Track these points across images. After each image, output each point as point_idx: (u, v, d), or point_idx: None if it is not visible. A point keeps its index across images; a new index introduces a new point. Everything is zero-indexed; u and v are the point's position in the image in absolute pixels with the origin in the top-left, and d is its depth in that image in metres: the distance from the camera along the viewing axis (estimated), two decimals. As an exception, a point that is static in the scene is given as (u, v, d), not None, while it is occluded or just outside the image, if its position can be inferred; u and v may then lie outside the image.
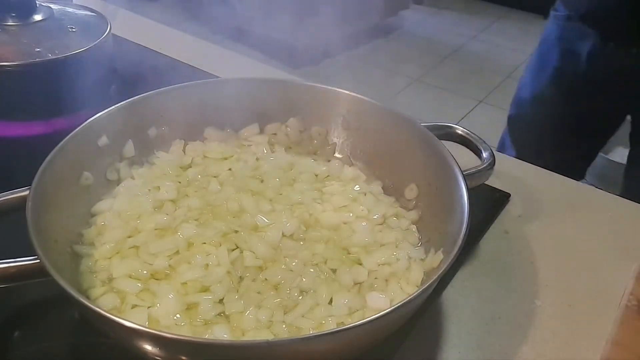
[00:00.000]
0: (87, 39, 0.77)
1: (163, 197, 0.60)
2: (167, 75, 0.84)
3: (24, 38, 0.75)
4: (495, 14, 3.77)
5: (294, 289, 0.51)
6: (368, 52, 3.17)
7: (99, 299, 0.49)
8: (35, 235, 0.45)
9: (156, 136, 0.67)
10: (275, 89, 0.70)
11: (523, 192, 0.74)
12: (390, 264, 0.55)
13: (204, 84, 0.70)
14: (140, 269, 0.52)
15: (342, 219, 0.60)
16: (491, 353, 0.53)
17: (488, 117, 2.68)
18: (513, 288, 0.60)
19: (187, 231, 0.55)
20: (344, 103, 0.68)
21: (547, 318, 0.57)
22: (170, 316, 0.48)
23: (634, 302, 0.58)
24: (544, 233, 0.68)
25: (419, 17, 3.64)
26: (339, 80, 0.71)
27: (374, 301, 0.51)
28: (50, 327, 0.53)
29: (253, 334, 0.47)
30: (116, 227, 0.56)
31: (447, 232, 0.53)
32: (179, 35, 1.10)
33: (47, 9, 0.79)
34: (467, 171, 0.57)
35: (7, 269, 0.45)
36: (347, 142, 0.70)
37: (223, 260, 0.53)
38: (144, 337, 0.41)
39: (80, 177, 0.58)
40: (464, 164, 0.57)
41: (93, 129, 0.60)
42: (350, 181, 0.65)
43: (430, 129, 0.62)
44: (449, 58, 3.21)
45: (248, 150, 0.69)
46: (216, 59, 1.02)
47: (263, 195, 0.62)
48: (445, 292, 0.59)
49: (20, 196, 0.49)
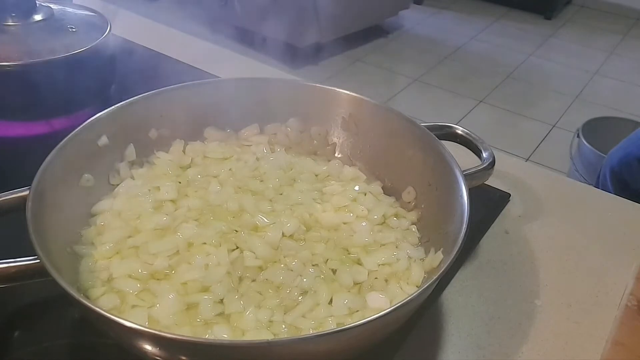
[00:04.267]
0: (87, 39, 0.77)
1: (163, 197, 0.60)
2: (167, 75, 0.84)
3: (24, 38, 0.75)
4: (495, 14, 3.77)
5: (294, 289, 0.51)
6: (368, 52, 3.17)
7: (99, 299, 0.49)
8: (35, 235, 0.45)
9: (156, 136, 0.66)
10: (275, 89, 0.70)
11: (523, 192, 0.74)
12: (390, 264, 0.55)
13: (204, 84, 0.70)
14: (140, 269, 0.52)
15: (342, 219, 0.60)
16: (491, 353, 0.53)
17: (488, 117, 2.69)
18: (513, 288, 0.60)
19: (187, 231, 0.55)
20: (344, 103, 0.68)
21: (547, 318, 0.57)
22: (170, 316, 0.48)
23: (634, 302, 0.58)
24: (544, 233, 0.68)
25: (419, 17, 3.64)
26: (339, 80, 0.72)
27: (374, 301, 0.51)
28: (50, 327, 0.53)
29: (253, 334, 0.47)
30: (116, 227, 0.56)
31: (447, 232, 0.53)
32: (179, 35, 1.10)
33: (47, 9, 0.79)
34: (467, 171, 0.57)
35: (7, 269, 0.45)
36: (347, 142, 0.70)
37: (223, 260, 0.53)
38: (144, 337, 0.41)
39: (81, 179, 0.58)
40: (464, 164, 0.57)
41: (93, 129, 0.60)
42: (350, 181, 0.65)
43: (430, 129, 0.62)
44: (449, 58, 3.21)
45: (248, 150, 0.69)
46: (216, 59, 1.02)
47: (263, 195, 0.62)
48: (445, 292, 0.59)
49: (20, 196, 0.49)
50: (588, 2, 3.99)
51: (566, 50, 3.37)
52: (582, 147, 1.99)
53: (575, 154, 2.06)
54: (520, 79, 3.03)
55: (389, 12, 3.38)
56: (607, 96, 2.87)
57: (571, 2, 4.01)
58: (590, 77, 3.08)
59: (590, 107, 2.75)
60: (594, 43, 3.47)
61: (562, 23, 3.73)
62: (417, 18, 3.61)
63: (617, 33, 3.60)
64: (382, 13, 3.34)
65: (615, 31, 3.63)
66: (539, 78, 3.05)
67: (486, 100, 2.82)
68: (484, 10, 3.81)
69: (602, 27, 3.69)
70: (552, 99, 2.85)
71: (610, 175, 1.29)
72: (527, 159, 2.39)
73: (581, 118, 2.17)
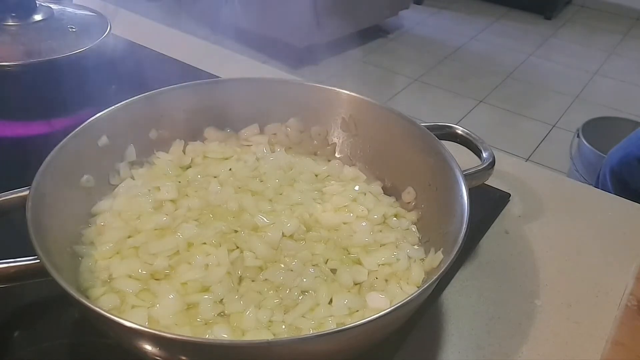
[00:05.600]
0: (87, 39, 0.77)
1: (163, 197, 0.60)
2: (167, 75, 0.84)
3: (24, 38, 0.75)
4: (495, 14, 3.78)
5: (294, 289, 0.51)
6: (368, 52, 3.17)
7: (99, 299, 0.49)
8: (35, 235, 0.45)
9: (156, 136, 0.66)
10: (275, 89, 0.70)
11: (523, 192, 0.74)
12: (390, 264, 0.55)
13: (204, 84, 0.70)
14: (140, 269, 0.52)
15: (342, 219, 0.60)
16: (491, 353, 0.53)
17: (488, 117, 2.69)
18: (513, 288, 0.60)
19: (187, 231, 0.55)
20: (344, 103, 0.68)
21: (547, 318, 0.57)
22: (170, 316, 0.48)
23: (634, 302, 0.58)
24: (544, 233, 0.68)
25: (419, 17, 3.64)
26: (339, 80, 0.72)
27: (374, 301, 0.51)
28: (50, 327, 0.53)
29: (253, 334, 0.47)
30: (116, 228, 0.56)
31: (447, 232, 0.53)
32: (179, 35, 1.10)
33: (47, 9, 0.79)
34: (467, 171, 0.57)
35: (7, 269, 0.45)
36: (347, 142, 0.70)
37: (223, 260, 0.53)
38: (144, 337, 0.41)
39: (81, 179, 0.58)
40: (464, 164, 0.57)
41: (93, 129, 0.60)
42: (350, 181, 0.65)
43: (430, 129, 0.62)
44: (449, 58, 3.21)
45: (248, 150, 0.69)
46: (216, 59, 1.02)
47: (263, 195, 0.62)
48: (445, 292, 0.59)
49: (20, 196, 0.49)
50: (588, 2, 3.99)
51: (566, 50, 3.37)
52: (582, 147, 1.99)
53: (575, 154, 2.06)
54: (520, 79, 3.03)
55: (389, 12, 3.38)
56: (607, 96, 2.87)
57: (571, 2, 4.01)
58: (590, 77, 3.08)
59: (590, 107, 2.75)
60: (594, 43, 3.47)
61: (562, 23, 3.73)
62: (417, 18, 3.61)
63: (617, 33, 3.60)
64: (382, 13, 3.34)
65: (615, 31, 3.63)
66: (539, 78, 3.05)
67: (486, 100, 2.82)
68: (484, 10, 3.81)
69: (602, 27, 3.69)
70: (552, 99, 2.85)
71: (610, 175, 1.29)
72: (527, 159, 2.39)
73: (581, 118, 2.17)
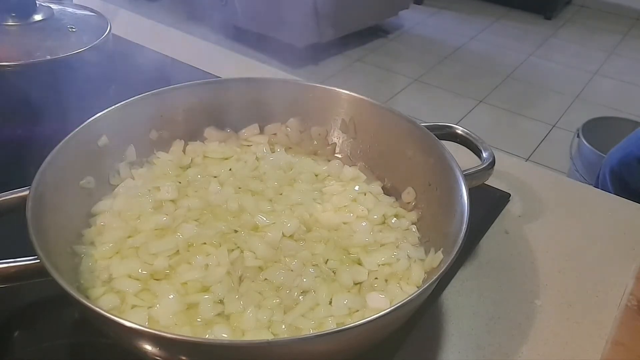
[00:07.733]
0: (87, 39, 0.77)
1: (163, 198, 0.60)
2: (167, 75, 0.84)
3: (24, 38, 0.75)
4: (495, 14, 3.77)
5: (294, 289, 0.51)
6: (368, 52, 3.17)
7: (99, 299, 0.49)
8: (35, 235, 0.45)
9: (156, 136, 0.67)
10: (275, 89, 0.70)
11: (523, 192, 0.74)
12: (390, 264, 0.55)
13: (204, 84, 0.70)
14: (140, 269, 0.52)
15: (342, 219, 0.60)
16: (491, 353, 0.53)
17: (488, 117, 2.69)
18: (513, 288, 0.60)
19: (187, 231, 0.55)
20: (344, 103, 0.68)
21: (547, 318, 0.57)
22: (170, 316, 0.48)
23: (634, 302, 0.58)
24: (544, 233, 0.68)
25: (419, 17, 3.64)
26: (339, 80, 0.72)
27: (374, 301, 0.51)
28: (50, 327, 0.53)
29: (253, 334, 0.47)
30: (116, 227, 0.56)
31: (447, 232, 0.53)
32: (179, 35, 1.10)
33: (47, 9, 0.79)
34: (467, 171, 0.57)
35: (7, 269, 0.45)
36: (347, 142, 0.70)
37: (223, 260, 0.53)
38: (144, 337, 0.41)
39: (81, 179, 0.58)
40: (464, 164, 0.57)
41: (93, 129, 0.60)
42: (350, 181, 0.65)
43: (430, 129, 0.62)
44: (449, 58, 3.21)
45: (248, 150, 0.69)
46: (216, 59, 1.02)
47: (263, 195, 0.62)
48: (445, 292, 0.59)
49: (20, 196, 0.49)
50: (588, 2, 3.99)
51: (566, 50, 3.37)
52: (582, 147, 1.99)
53: (575, 154, 2.06)
54: (520, 79, 3.03)
55: (389, 12, 3.38)
56: (607, 96, 2.87)
57: (571, 2, 4.01)
58: (590, 77, 3.08)
59: (590, 107, 2.75)
60: (594, 43, 3.47)
61: (562, 23, 3.73)
62: (417, 18, 3.61)
63: (617, 33, 3.60)
64: (382, 13, 3.34)
65: (615, 31, 3.63)
66: (539, 78, 3.05)
67: (486, 100, 2.82)
68: (484, 10, 3.81)
69: (602, 27, 3.69)
70: (552, 99, 2.85)
71: (610, 175, 1.28)
72: (527, 159, 2.39)
73: (581, 118, 2.17)
